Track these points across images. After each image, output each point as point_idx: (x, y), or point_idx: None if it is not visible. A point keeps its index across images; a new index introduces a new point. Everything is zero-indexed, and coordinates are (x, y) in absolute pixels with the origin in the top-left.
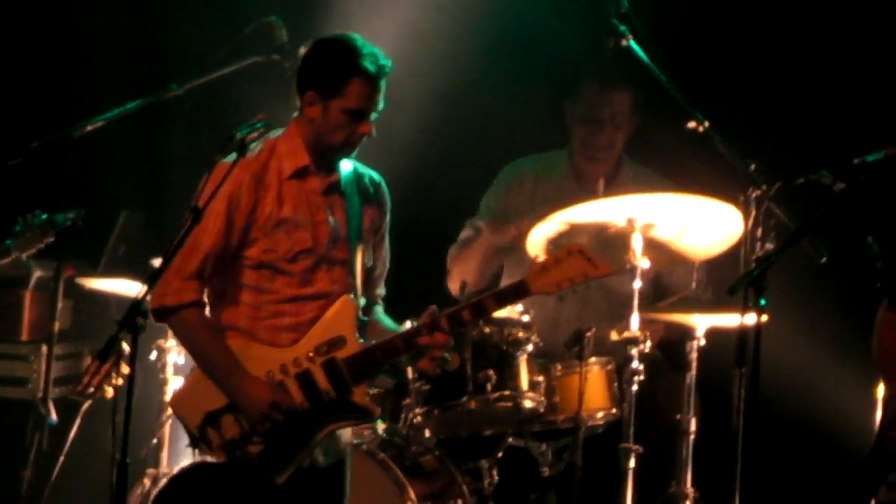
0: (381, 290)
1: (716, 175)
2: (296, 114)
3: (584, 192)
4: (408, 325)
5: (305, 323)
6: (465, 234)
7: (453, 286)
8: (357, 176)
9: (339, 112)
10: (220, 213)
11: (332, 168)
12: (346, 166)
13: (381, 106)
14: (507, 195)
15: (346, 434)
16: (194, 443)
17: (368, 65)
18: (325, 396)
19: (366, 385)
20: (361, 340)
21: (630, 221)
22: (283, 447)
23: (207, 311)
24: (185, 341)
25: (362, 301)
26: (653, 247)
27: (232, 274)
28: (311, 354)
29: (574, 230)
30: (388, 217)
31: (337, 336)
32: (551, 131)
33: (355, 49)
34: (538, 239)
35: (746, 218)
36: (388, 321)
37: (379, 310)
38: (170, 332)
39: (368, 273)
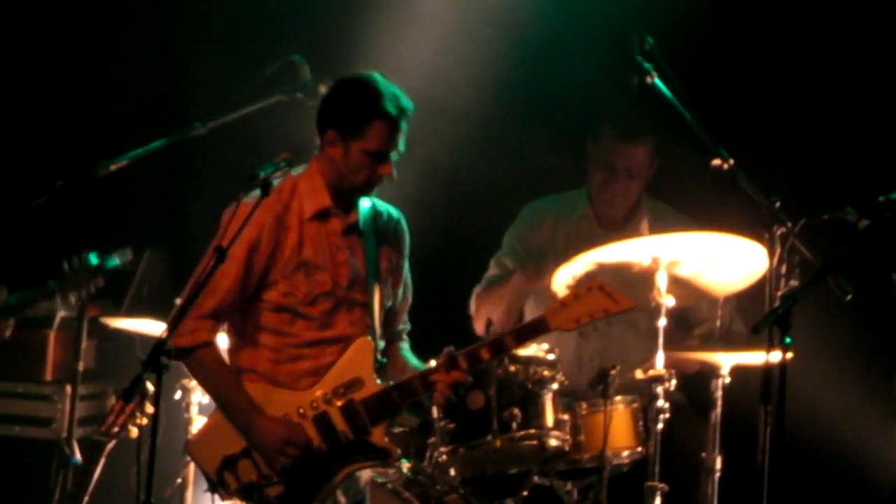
0: (404, 326)
1: (740, 212)
2: (316, 151)
3: (605, 230)
4: (432, 364)
5: (325, 366)
6: (491, 272)
7: (478, 327)
8: (375, 213)
9: (359, 153)
10: (240, 258)
11: (352, 207)
12: (365, 203)
13: (402, 147)
14: (528, 233)
15: (365, 473)
16: (212, 488)
17: (390, 107)
18: (343, 438)
19: (384, 426)
20: (379, 381)
21: (655, 260)
22: (301, 490)
23: (227, 353)
24: (200, 380)
25: (381, 342)
26: (676, 283)
27: (252, 316)
28: (328, 396)
29: (599, 269)
30: (407, 252)
31: (354, 378)
32: (572, 170)
33: (377, 90)
34: (563, 279)
35: (771, 255)
36: (411, 359)
37: (404, 346)
38: None
39: (388, 312)
